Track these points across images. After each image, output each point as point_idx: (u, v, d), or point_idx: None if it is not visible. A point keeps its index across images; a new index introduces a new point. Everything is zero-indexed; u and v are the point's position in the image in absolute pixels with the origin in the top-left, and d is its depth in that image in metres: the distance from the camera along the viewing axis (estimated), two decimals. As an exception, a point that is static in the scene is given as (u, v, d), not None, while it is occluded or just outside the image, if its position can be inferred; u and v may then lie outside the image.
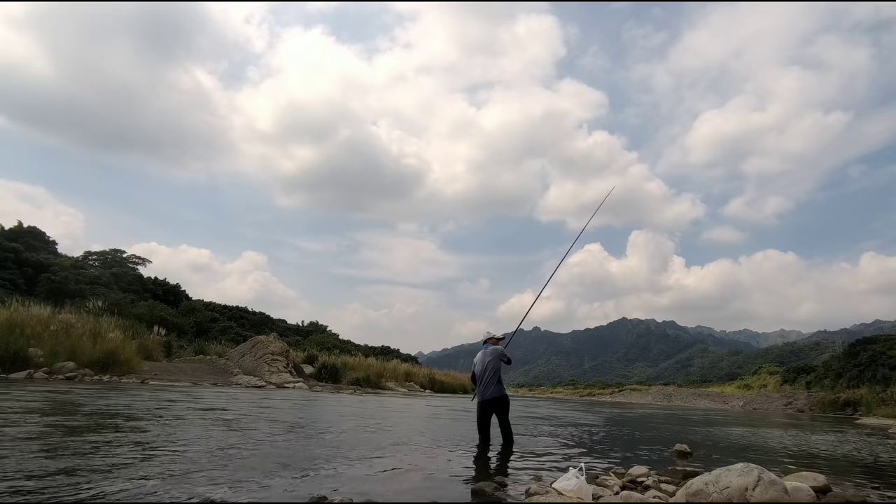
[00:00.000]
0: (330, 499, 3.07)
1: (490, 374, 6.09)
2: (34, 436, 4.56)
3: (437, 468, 4.57)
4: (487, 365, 6.13)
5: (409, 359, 43.11)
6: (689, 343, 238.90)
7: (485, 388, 6.07)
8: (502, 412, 6.17)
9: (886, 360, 35.31)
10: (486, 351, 6.29)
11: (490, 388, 6.06)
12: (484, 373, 6.11)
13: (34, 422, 5.43)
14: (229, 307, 44.21)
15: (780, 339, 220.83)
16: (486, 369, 6.12)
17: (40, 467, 3.41)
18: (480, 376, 6.15)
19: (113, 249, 44.84)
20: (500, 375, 6.17)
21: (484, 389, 6.07)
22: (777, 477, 3.27)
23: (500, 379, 6.16)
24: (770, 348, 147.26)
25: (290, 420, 7.77)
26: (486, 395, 6.06)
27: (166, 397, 10.01)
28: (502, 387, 6.17)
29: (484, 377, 6.10)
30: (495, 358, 6.18)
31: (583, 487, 3.40)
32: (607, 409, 22.51)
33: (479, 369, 6.20)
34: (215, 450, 4.61)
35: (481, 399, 6.13)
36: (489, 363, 6.14)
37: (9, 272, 30.38)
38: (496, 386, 6.08)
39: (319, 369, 24.33)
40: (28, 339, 13.14)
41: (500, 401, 6.12)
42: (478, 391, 6.18)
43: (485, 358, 6.21)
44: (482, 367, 6.15)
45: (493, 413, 6.18)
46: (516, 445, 6.23)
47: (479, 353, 6.38)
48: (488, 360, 6.16)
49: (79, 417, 6.04)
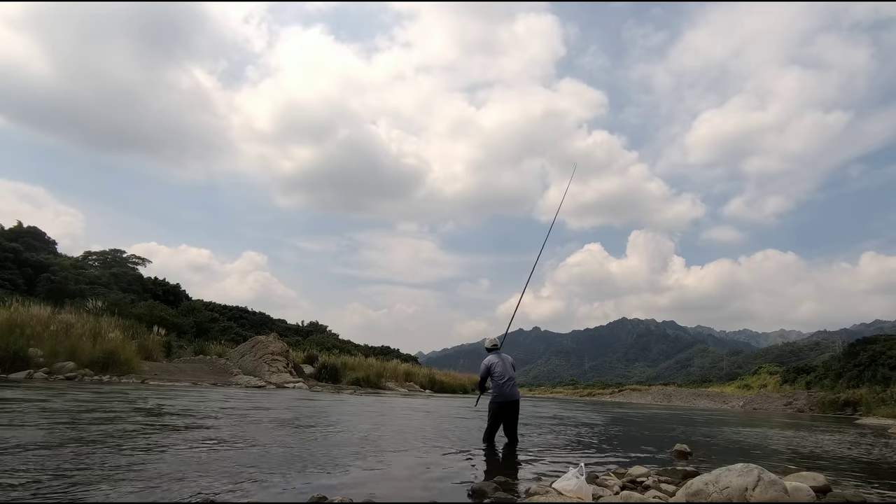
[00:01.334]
0: (330, 499, 3.06)
1: (510, 376, 6.44)
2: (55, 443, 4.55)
3: (438, 468, 4.57)
4: (506, 369, 6.46)
5: (409, 359, 43.07)
6: (689, 343, 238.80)
7: (509, 388, 6.35)
8: (516, 413, 6.57)
9: (886, 360, 35.27)
10: (504, 357, 6.65)
11: (514, 389, 6.42)
12: (504, 374, 6.40)
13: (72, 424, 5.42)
14: (229, 307, 44.14)
15: (780, 339, 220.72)
16: (505, 372, 6.43)
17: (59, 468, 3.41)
18: (501, 377, 6.40)
19: (113, 249, 44.83)
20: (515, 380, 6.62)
21: (510, 391, 6.35)
22: (777, 477, 3.27)
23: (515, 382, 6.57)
24: (770, 348, 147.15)
25: (290, 420, 7.76)
26: (513, 396, 6.37)
27: (166, 397, 10.00)
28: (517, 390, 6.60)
29: (505, 378, 6.39)
30: (511, 365, 6.61)
31: (583, 487, 3.40)
32: (608, 408, 22.50)
33: (499, 371, 6.44)
34: (214, 450, 4.61)
35: (505, 399, 6.36)
36: (507, 368, 6.50)
37: (9, 272, 30.37)
38: (515, 388, 6.46)
39: (319, 369, 24.32)
40: (28, 339, 13.13)
41: (517, 403, 6.55)
42: (500, 392, 6.36)
43: (502, 362, 6.54)
44: (503, 370, 6.43)
45: (511, 414, 6.47)
46: (516, 446, 6.29)
47: (495, 356, 6.60)
48: (506, 364, 6.53)
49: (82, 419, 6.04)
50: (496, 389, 6.37)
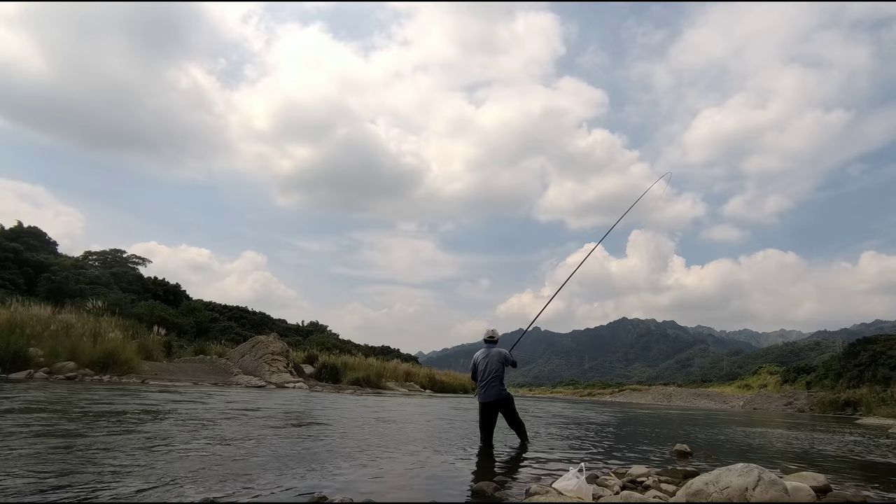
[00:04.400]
0: (330, 499, 3.06)
1: (491, 376, 5.98)
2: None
3: (438, 468, 4.56)
4: (489, 366, 6.01)
5: (409, 359, 43.09)
6: (689, 343, 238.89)
7: (485, 389, 5.97)
8: (507, 411, 6.11)
9: (886, 360, 35.24)
10: (490, 351, 6.15)
11: (491, 389, 5.96)
12: (485, 374, 6.00)
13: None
14: (229, 307, 44.16)
15: (780, 338, 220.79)
16: (487, 370, 6.00)
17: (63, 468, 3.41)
18: (481, 376, 6.04)
19: (113, 249, 44.78)
20: (501, 377, 6.05)
21: (485, 391, 5.97)
22: (777, 477, 3.27)
23: (501, 380, 6.04)
24: (770, 348, 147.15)
25: (290, 420, 7.77)
26: (487, 398, 5.97)
27: (166, 397, 10.00)
28: (503, 388, 6.05)
29: (485, 378, 5.99)
30: (498, 361, 6.06)
31: (583, 487, 3.39)
32: (608, 408, 22.49)
33: (480, 369, 6.08)
34: (215, 450, 4.61)
35: (482, 401, 6.05)
36: (491, 365, 6.02)
37: (9, 272, 30.35)
38: (497, 388, 5.98)
39: (320, 369, 24.31)
40: (28, 339, 13.14)
41: (502, 402, 6.04)
42: (478, 392, 6.10)
43: (487, 359, 6.07)
44: (483, 368, 6.03)
45: (498, 413, 6.10)
46: (516, 445, 6.23)
47: (481, 351, 6.22)
48: (490, 362, 6.03)
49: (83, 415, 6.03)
50: (479, 388, 6.06)
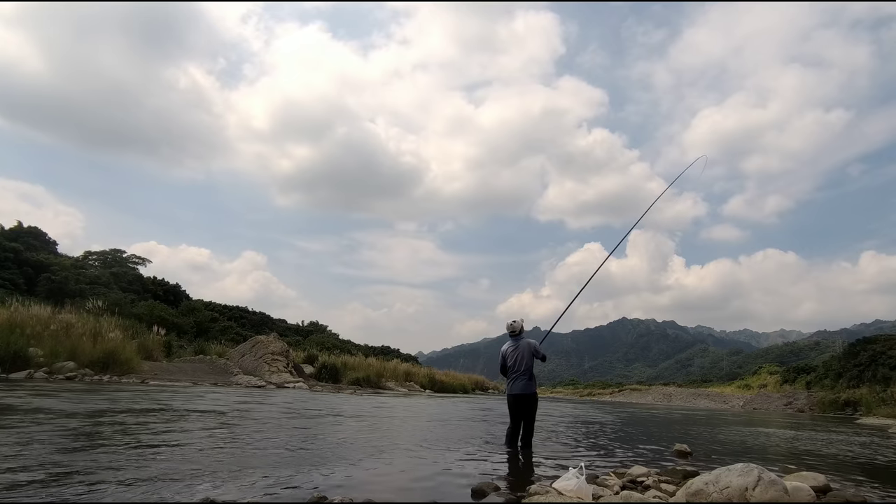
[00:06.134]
0: (330, 499, 3.06)
1: (522, 369, 5.80)
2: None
3: (437, 468, 4.56)
4: (518, 359, 5.83)
5: (409, 359, 43.08)
6: (689, 343, 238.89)
7: (514, 382, 5.81)
8: (530, 410, 5.89)
9: (886, 360, 35.23)
10: (520, 343, 5.94)
11: (520, 382, 5.80)
12: (515, 366, 5.82)
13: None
14: (229, 307, 44.12)
15: (780, 338, 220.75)
16: (517, 363, 5.82)
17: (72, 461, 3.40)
18: (511, 369, 5.85)
19: (113, 249, 44.74)
20: (531, 371, 5.86)
21: (513, 384, 5.82)
22: (777, 477, 3.27)
23: (531, 375, 5.85)
24: (770, 348, 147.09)
25: (290, 420, 7.77)
26: (515, 390, 5.81)
27: (166, 397, 10.00)
28: (533, 383, 5.86)
29: (516, 371, 5.81)
30: (528, 352, 5.87)
31: (583, 487, 3.39)
32: (608, 408, 22.49)
33: (510, 363, 5.87)
34: (215, 449, 4.61)
35: (510, 393, 5.90)
36: (521, 358, 5.84)
37: (9, 272, 30.34)
38: (526, 382, 5.81)
39: (319, 369, 24.31)
40: (28, 338, 13.13)
41: (528, 398, 5.83)
42: (508, 385, 5.95)
43: (516, 351, 5.89)
44: (514, 361, 5.83)
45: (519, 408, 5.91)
46: (517, 446, 6.15)
47: (508, 343, 6.02)
48: (520, 355, 5.85)
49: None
50: (507, 381, 5.92)
